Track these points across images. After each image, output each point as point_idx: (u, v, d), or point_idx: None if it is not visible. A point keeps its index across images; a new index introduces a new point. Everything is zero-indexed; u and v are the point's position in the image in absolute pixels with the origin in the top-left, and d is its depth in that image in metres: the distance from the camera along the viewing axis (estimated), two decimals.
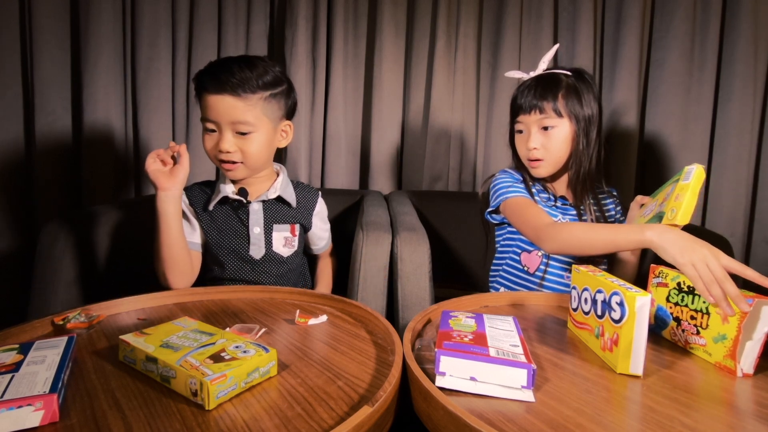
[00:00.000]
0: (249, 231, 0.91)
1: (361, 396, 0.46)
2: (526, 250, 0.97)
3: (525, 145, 0.93)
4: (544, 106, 0.90)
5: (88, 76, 1.20)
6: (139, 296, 0.72)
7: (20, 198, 1.19)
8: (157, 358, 0.47)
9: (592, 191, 0.96)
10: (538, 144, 0.91)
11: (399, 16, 1.42)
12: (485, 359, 0.46)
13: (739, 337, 0.51)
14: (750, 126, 1.34)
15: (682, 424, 0.41)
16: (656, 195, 0.84)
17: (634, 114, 1.39)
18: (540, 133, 0.92)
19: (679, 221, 0.68)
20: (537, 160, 0.93)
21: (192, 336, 0.53)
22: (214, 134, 0.84)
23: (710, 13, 1.33)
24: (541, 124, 0.91)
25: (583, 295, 0.61)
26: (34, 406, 0.40)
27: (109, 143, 1.24)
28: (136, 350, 0.50)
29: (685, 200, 0.68)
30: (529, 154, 0.93)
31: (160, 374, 0.47)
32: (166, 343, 0.50)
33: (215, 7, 1.32)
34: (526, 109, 0.92)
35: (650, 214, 0.80)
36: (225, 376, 0.44)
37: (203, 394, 0.43)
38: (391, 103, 1.44)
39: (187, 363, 0.46)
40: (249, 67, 0.82)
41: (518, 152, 0.98)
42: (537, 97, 0.90)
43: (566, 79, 0.91)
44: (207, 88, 0.82)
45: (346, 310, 0.72)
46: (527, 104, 0.91)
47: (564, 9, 1.43)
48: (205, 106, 0.83)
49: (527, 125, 0.93)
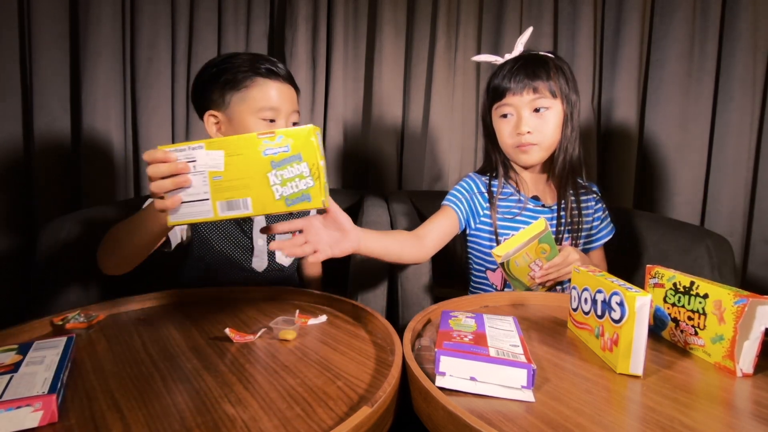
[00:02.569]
0: (253, 243, 0.89)
1: (361, 396, 0.46)
2: (490, 268, 0.94)
3: (515, 129, 0.86)
4: (539, 85, 0.83)
5: (88, 76, 1.20)
6: (139, 296, 0.72)
7: (20, 198, 1.19)
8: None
9: (574, 186, 0.91)
10: (531, 127, 0.84)
11: (399, 16, 1.42)
12: (485, 359, 0.46)
13: (736, 337, 0.51)
14: (749, 126, 1.34)
15: (682, 424, 0.41)
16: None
17: (633, 114, 1.39)
18: (532, 116, 0.85)
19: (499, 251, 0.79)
20: (529, 144, 0.86)
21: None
22: (273, 124, 0.82)
23: (710, 13, 1.34)
24: (534, 105, 0.84)
25: (583, 295, 0.61)
26: (32, 406, 0.40)
27: (108, 143, 1.24)
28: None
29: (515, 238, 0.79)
30: (521, 140, 0.86)
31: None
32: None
33: (215, 7, 1.32)
34: (515, 90, 0.84)
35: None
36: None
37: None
38: (391, 104, 1.44)
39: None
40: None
41: (501, 139, 0.90)
42: (529, 75, 0.83)
43: (551, 61, 0.86)
44: (268, 75, 0.81)
45: (346, 310, 0.72)
46: (517, 84, 0.84)
47: (564, 9, 1.43)
48: (261, 95, 0.80)
49: (517, 107, 0.85)
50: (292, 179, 0.52)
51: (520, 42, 0.90)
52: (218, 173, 0.53)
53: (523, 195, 0.92)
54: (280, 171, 0.52)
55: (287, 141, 0.52)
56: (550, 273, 0.81)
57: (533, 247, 0.79)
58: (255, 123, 0.81)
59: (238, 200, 0.53)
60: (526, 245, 0.78)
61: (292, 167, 0.52)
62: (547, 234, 0.79)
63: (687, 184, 1.39)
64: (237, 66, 0.81)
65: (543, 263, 0.81)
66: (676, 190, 1.40)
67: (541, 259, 0.81)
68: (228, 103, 0.81)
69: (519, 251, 0.78)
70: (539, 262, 0.81)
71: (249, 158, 0.52)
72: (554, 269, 0.81)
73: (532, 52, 0.89)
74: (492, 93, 0.90)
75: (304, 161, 0.52)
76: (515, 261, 0.80)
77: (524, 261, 0.80)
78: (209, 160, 0.53)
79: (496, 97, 0.88)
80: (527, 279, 0.83)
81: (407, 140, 1.47)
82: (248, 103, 0.80)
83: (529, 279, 0.83)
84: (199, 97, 0.85)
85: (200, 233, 0.87)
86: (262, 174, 0.52)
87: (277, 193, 0.52)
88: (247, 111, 0.81)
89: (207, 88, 0.83)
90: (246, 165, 0.52)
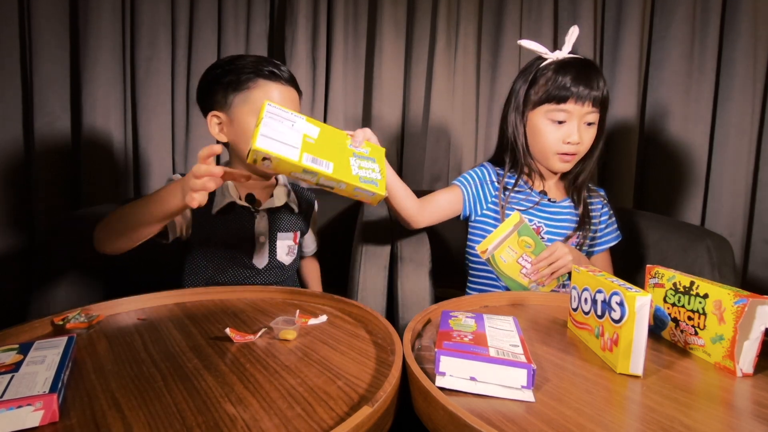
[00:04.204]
0: (255, 240, 0.89)
1: (361, 396, 0.46)
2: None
3: (563, 136, 0.84)
4: (597, 97, 0.81)
5: (88, 75, 1.20)
6: (139, 296, 0.72)
7: (20, 198, 1.19)
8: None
9: (587, 188, 0.94)
10: (582, 139, 0.83)
11: (399, 16, 1.42)
12: (485, 359, 0.46)
13: (736, 337, 0.51)
14: (749, 126, 1.34)
15: (682, 424, 0.41)
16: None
17: (634, 114, 1.39)
18: (584, 128, 0.84)
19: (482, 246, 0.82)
20: (572, 155, 0.85)
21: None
22: None
23: (710, 13, 1.34)
24: (588, 119, 0.83)
25: (583, 295, 0.61)
26: (33, 406, 0.40)
27: (108, 143, 1.24)
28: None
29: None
30: (566, 148, 0.84)
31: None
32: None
33: (215, 6, 1.32)
34: (579, 98, 0.81)
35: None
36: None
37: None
38: (391, 103, 1.44)
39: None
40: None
41: (545, 142, 0.86)
42: (592, 86, 0.81)
43: (600, 70, 0.84)
44: (271, 77, 0.82)
45: (346, 310, 0.72)
46: (581, 93, 0.80)
47: (564, 9, 1.43)
48: (264, 96, 0.81)
49: (573, 116, 0.82)
50: (366, 169, 0.68)
51: (569, 41, 0.85)
52: (311, 137, 0.65)
53: (535, 191, 0.93)
54: (358, 160, 0.68)
55: (367, 148, 0.71)
56: (541, 268, 0.82)
57: (514, 240, 0.80)
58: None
59: (322, 160, 0.63)
60: (506, 238, 0.80)
61: (367, 162, 0.69)
62: (525, 226, 0.80)
63: (687, 184, 1.39)
64: (240, 68, 0.82)
65: (531, 258, 0.82)
66: (676, 190, 1.40)
67: (528, 254, 0.82)
68: (230, 104, 0.82)
69: (501, 244, 0.80)
70: (527, 257, 0.82)
71: (338, 142, 0.68)
72: (544, 263, 0.81)
73: (583, 57, 0.86)
74: (549, 93, 0.83)
75: (377, 163, 0.70)
76: (501, 257, 0.81)
77: (510, 256, 0.81)
78: (306, 128, 0.65)
79: (554, 98, 0.83)
80: (521, 277, 0.83)
81: (407, 140, 1.47)
82: (250, 104, 0.81)
83: (523, 277, 0.83)
84: (204, 98, 0.86)
85: (202, 229, 0.87)
86: (346, 156, 0.67)
87: (354, 170, 0.66)
88: (249, 112, 0.81)
89: (211, 89, 0.84)
90: (334, 145, 0.67)
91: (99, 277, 0.92)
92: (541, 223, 0.93)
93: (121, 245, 0.74)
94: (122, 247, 0.74)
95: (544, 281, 0.84)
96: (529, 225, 0.82)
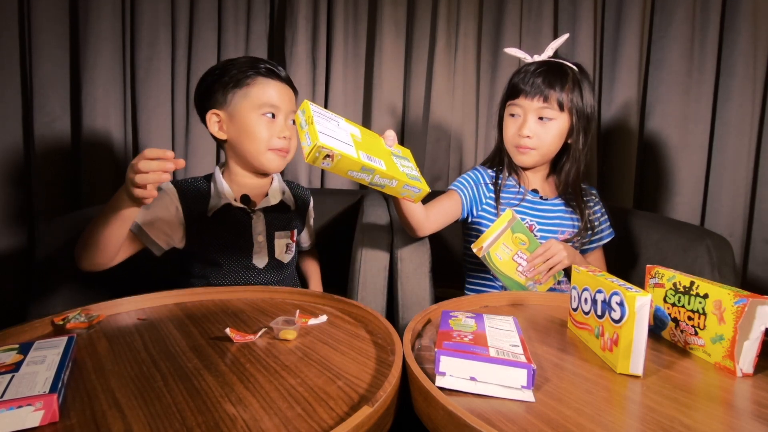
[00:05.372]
0: (253, 240, 0.89)
1: (361, 396, 0.46)
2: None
3: (517, 130, 0.90)
4: (550, 95, 0.86)
5: (87, 76, 1.20)
6: (139, 296, 0.72)
7: (20, 198, 1.19)
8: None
9: (580, 190, 0.96)
10: (532, 132, 0.88)
11: (399, 16, 1.42)
12: (485, 359, 0.46)
13: (736, 337, 0.51)
14: (749, 126, 1.34)
15: (682, 424, 0.41)
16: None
17: (634, 114, 1.39)
18: (536, 122, 0.89)
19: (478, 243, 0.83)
20: (527, 148, 0.90)
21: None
22: (274, 120, 0.86)
23: (710, 13, 1.34)
24: (540, 113, 0.88)
25: (583, 295, 0.61)
26: (33, 406, 0.40)
27: (108, 143, 1.24)
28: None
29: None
30: (520, 141, 0.90)
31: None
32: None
33: (215, 6, 1.32)
34: (528, 94, 0.88)
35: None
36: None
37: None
38: (391, 103, 1.44)
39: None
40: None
41: (505, 136, 0.94)
42: (544, 83, 0.87)
43: (572, 73, 0.89)
44: (269, 75, 0.85)
45: (346, 310, 0.72)
46: (531, 89, 0.87)
47: (564, 9, 1.43)
48: (262, 92, 0.84)
49: (525, 110, 0.89)
50: (407, 167, 0.70)
51: (551, 47, 0.92)
52: (356, 136, 0.65)
53: (523, 187, 0.96)
54: (398, 159, 0.69)
55: (399, 149, 0.73)
56: (537, 264, 0.83)
57: (509, 237, 0.82)
58: (256, 119, 0.84)
59: (374, 157, 0.63)
60: (500, 235, 0.81)
61: (404, 161, 0.71)
62: (518, 222, 0.82)
63: (687, 184, 1.39)
64: (239, 66, 0.84)
65: (526, 256, 0.83)
66: (676, 190, 1.40)
67: (523, 251, 0.83)
68: (230, 101, 0.84)
69: (495, 241, 0.81)
70: (522, 254, 0.83)
71: (376, 142, 0.69)
72: (539, 259, 0.83)
73: (559, 60, 0.90)
74: (509, 90, 0.94)
75: (411, 162, 0.72)
76: (496, 254, 0.82)
77: (506, 254, 0.82)
78: (349, 127, 0.65)
79: (511, 95, 0.92)
80: (518, 275, 0.84)
81: (407, 140, 1.47)
82: (250, 99, 0.84)
83: (520, 275, 0.84)
84: (202, 98, 0.88)
85: (199, 234, 0.87)
86: (388, 154, 0.68)
87: (400, 168, 0.67)
88: (248, 107, 0.84)
89: (210, 88, 0.86)
90: (375, 144, 0.68)
91: (99, 277, 0.92)
92: (534, 221, 0.95)
93: (97, 260, 0.76)
94: (99, 262, 0.76)
95: (541, 278, 0.84)
96: (522, 222, 0.84)
